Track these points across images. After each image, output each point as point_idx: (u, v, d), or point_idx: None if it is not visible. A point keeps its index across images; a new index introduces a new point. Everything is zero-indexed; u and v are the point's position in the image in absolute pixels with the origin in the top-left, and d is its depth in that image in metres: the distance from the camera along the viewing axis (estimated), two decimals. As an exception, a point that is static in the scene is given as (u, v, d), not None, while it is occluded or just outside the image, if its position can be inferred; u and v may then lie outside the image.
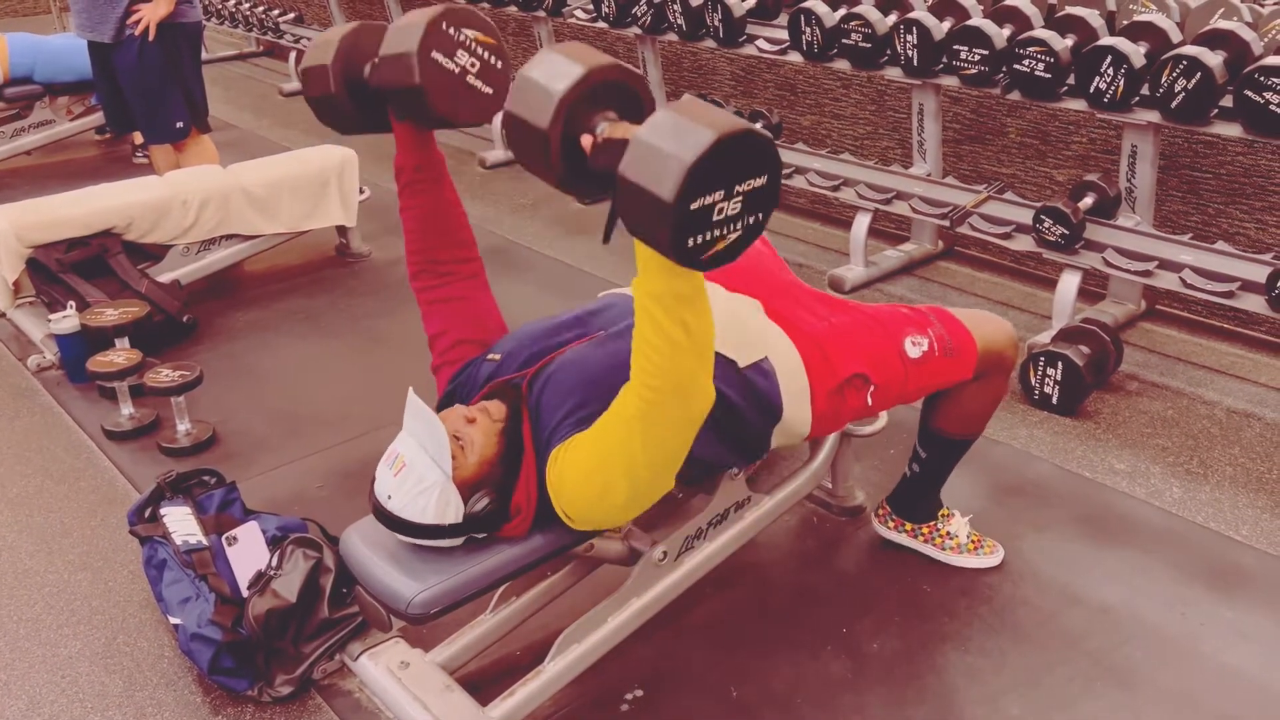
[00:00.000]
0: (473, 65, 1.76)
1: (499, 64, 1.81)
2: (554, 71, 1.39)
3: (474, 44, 1.76)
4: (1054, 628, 2.07)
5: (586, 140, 1.40)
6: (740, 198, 1.30)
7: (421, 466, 1.61)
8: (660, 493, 1.63)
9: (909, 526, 2.26)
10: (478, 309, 1.97)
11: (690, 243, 1.28)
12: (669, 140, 1.26)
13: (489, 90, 1.81)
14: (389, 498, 1.64)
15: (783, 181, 3.92)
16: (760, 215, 1.35)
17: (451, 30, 1.72)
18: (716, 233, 1.30)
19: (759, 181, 1.32)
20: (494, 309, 1.99)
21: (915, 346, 1.95)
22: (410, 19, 1.73)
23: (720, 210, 1.29)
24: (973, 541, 2.23)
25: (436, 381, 1.92)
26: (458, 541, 1.68)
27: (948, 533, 2.23)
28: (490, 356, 1.84)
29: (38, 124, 5.30)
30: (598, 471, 1.56)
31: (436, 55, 1.71)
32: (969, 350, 1.99)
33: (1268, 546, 2.28)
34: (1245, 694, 1.90)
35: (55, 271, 3.35)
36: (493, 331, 1.94)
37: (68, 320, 3.11)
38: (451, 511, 1.63)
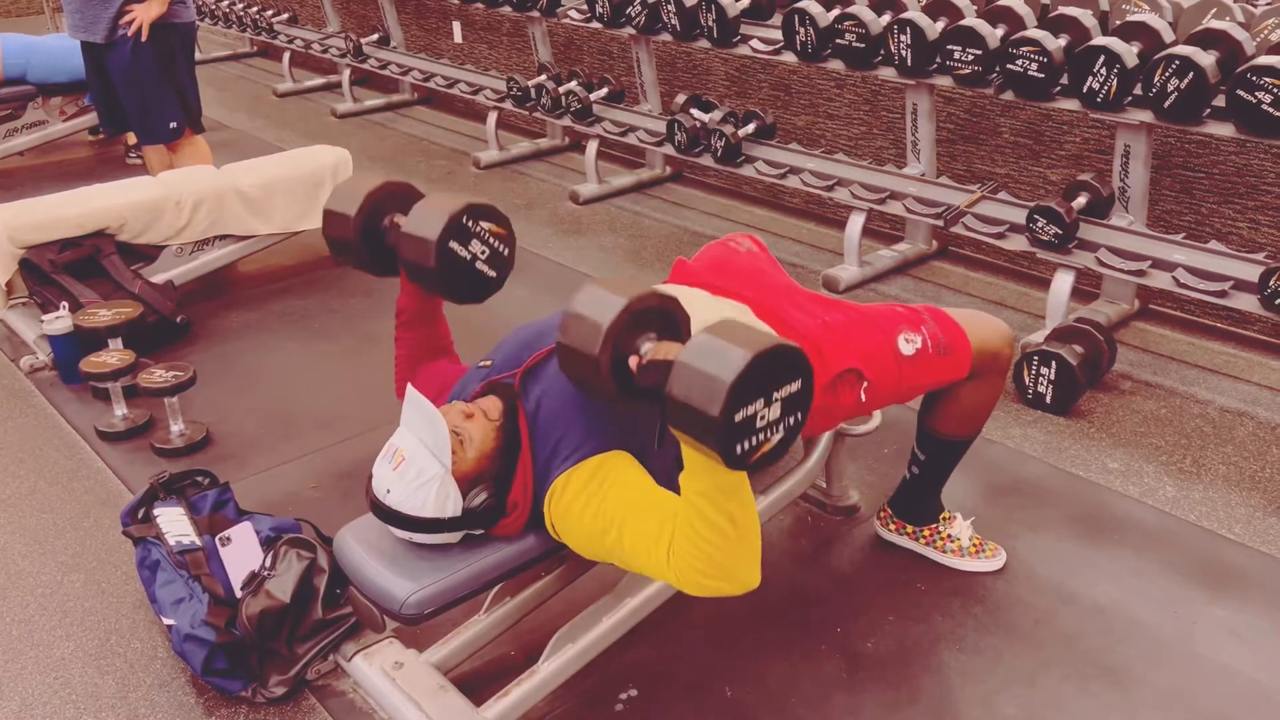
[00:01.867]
0: (483, 253, 1.94)
1: (506, 252, 1.99)
2: (598, 306, 1.54)
3: (487, 234, 1.94)
4: (1048, 627, 2.07)
5: (633, 361, 1.54)
6: (779, 403, 1.42)
7: (421, 460, 1.62)
8: None
9: (910, 529, 2.26)
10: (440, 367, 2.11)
11: (739, 449, 1.39)
12: (709, 363, 1.38)
13: (493, 274, 1.98)
14: (388, 492, 1.64)
15: (777, 181, 3.94)
16: (799, 415, 1.46)
17: (470, 223, 1.90)
18: (761, 437, 1.42)
19: (794, 387, 1.44)
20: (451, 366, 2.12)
21: (909, 344, 1.95)
22: (437, 204, 1.90)
23: (762, 417, 1.41)
24: (974, 544, 2.23)
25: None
26: (456, 536, 1.69)
27: (949, 535, 2.23)
28: (483, 363, 1.88)
29: (31, 124, 5.28)
30: (611, 548, 1.61)
31: (453, 245, 1.88)
32: (963, 349, 1.99)
33: (1260, 545, 2.28)
34: (1238, 692, 1.91)
35: (48, 272, 3.34)
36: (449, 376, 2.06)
37: (61, 321, 3.10)
38: (451, 505, 1.64)
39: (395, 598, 1.64)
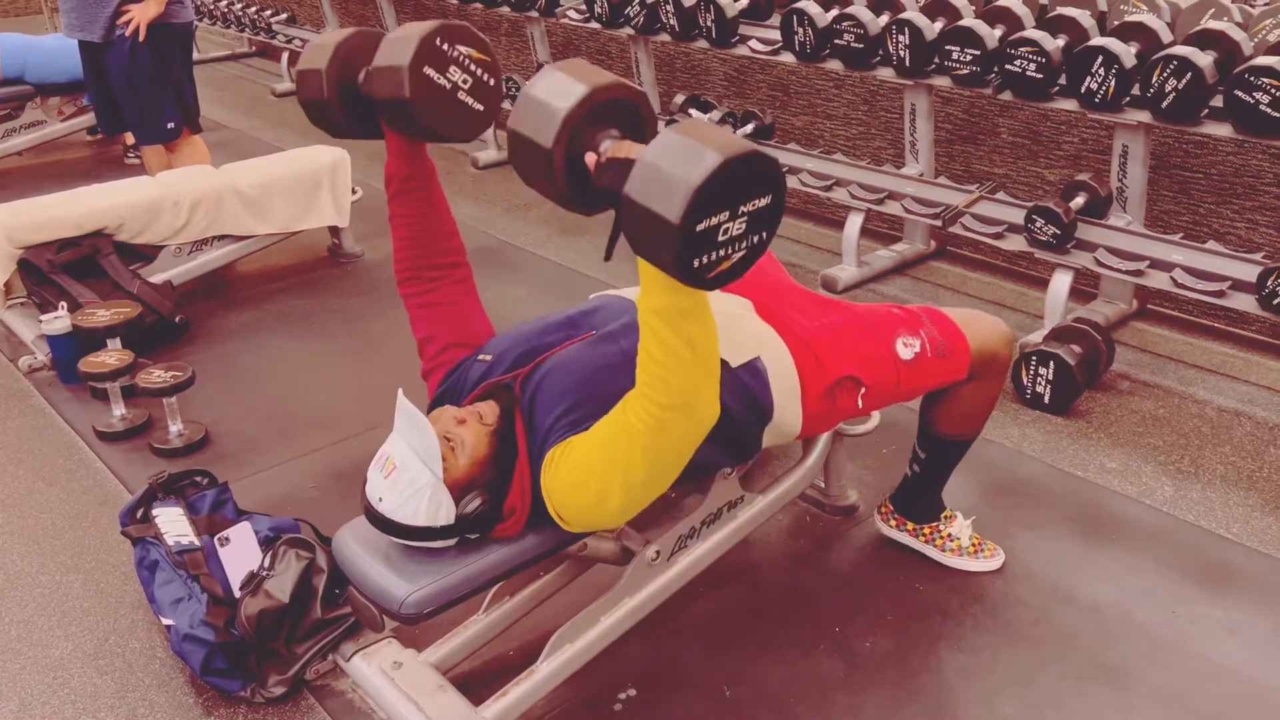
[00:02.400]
0: (465, 81, 1.77)
1: (491, 81, 1.82)
2: (558, 90, 1.40)
3: (468, 60, 1.76)
4: (1046, 626, 2.07)
5: (590, 159, 1.41)
6: (745, 218, 1.31)
7: (412, 469, 1.60)
8: (654, 497, 1.64)
9: (910, 526, 2.26)
10: (465, 313, 1.96)
11: (696, 263, 1.29)
12: (675, 163, 1.26)
13: (480, 107, 1.82)
14: (380, 500, 1.63)
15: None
16: (764, 234, 1.36)
17: (445, 46, 1.73)
18: (721, 253, 1.31)
19: (763, 201, 1.33)
20: (481, 314, 1.99)
21: (907, 348, 1.95)
22: (406, 31, 1.73)
23: (725, 231, 1.30)
24: (974, 544, 2.23)
25: (428, 386, 1.92)
26: (450, 542, 1.68)
27: (949, 534, 2.23)
28: (481, 358, 1.84)
29: (29, 124, 5.28)
30: (594, 478, 1.57)
31: (428, 70, 1.71)
32: (962, 351, 1.99)
33: (1258, 544, 2.29)
34: (1235, 691, 1.91)
35: (46, 272, 3.34)
36: (480, 336, 1.94)
37: (59, 321, 3.10)
38: (443, 513, 1.63)
39: (394, 597, 1.64)
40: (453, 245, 1.98)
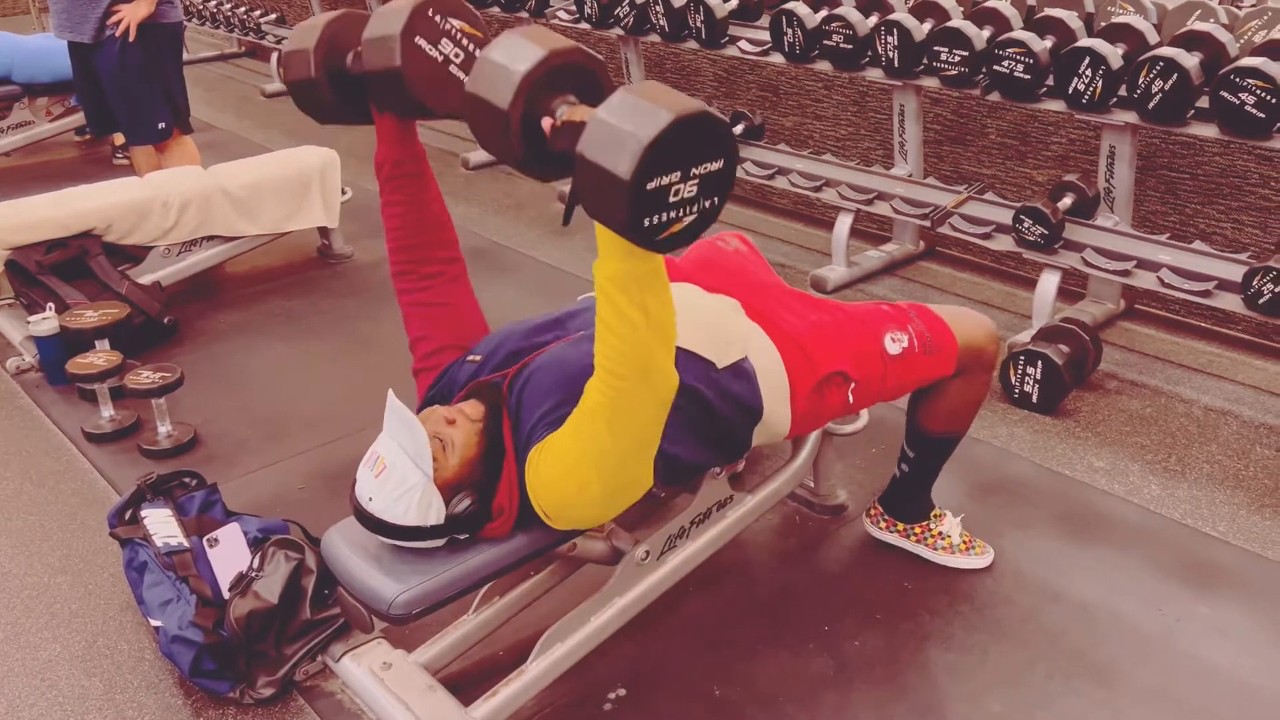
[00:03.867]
0: (456, 56, 1.74)
1: None
2: (515, 53, 1.40)
3: (459, 34, 1.74)
4: (1034, 625, 2.08)
5: (547, 123, 1.41)
6: (696, 180, 1.31)
7: (402, 468, 1.60)
8: (637, 489, 1.64)
9: (900, 527, 2.27)
10: (460, 314, 1.95)
11: (647, 223, 1.30)
12: (627, 120, 1.27)
13: None
14: (370, 500, 1.63)
15: (765, 182, 3.95)
16: (716, 200, 1.36)
17: (437, 18, 1.71)
18: (673, 214, 1.32)
19: (715, 165, 1.33)
20: (477, 313, 1.98)
21: (895, 343, 1.96)
22: (396, 4, 1.71)
23: (677, 192, 1.30)
24: (964, 542, 2.24)
25: (417, 385, 1.92)
26: (440, 543, 1.68)
27: (939, 533, 2.24)
28: (470, 358, 1.84)
29: (16, 125, 5.26)
30: (572, 468, 1.57)
31: (420, 41, 1.69)
32: (949, 347, 2.00)
33: (1244, 543, 2.30)
34: (1222, 689, 1.92)
35: (34, 273, 3.33)
36: (475, 335, 1.93)
37: (47, 322, 3.09)
38: (433, 513, 1.63)
39: (383, 598, 1.64)
40: (447, 237, 1.96)
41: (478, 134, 1.48)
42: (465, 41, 1.75)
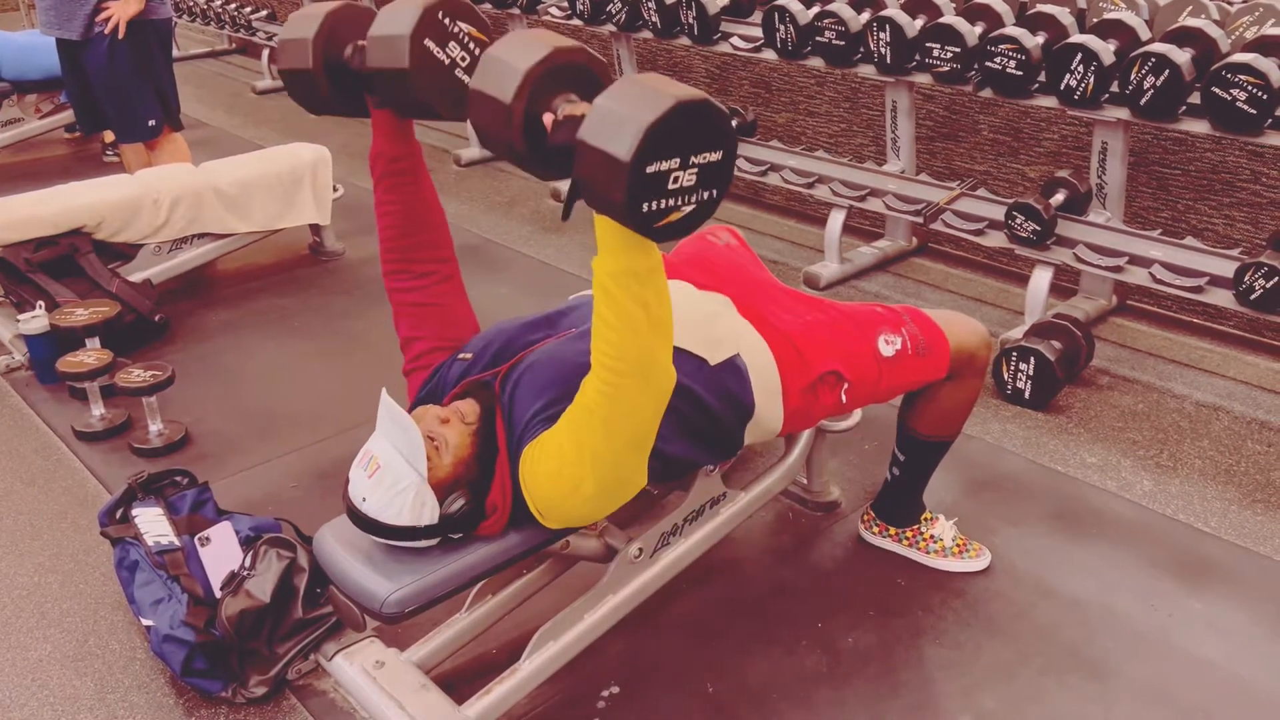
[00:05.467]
0: (463, 59, 1.73)
1: None
2: (520, 50, 1.42)
3: (467, 38, 1.73)
4: (1027, 621, 2.08)
5: (548, 118, 1.42)
6: (696, 170, 1.32)
7: (396, 468, 1.60)
8: (631, 487, 1.63)
9: (893, 531, 2.27)
10: (452, 315, 1.94)
11: (645, 208, 1.30)
12: (629, 105, 1.28)
13: None
14: (363, 500, 1.63)
15: (758, 178, 3.94)
16: (715, 191, 1.37)
17: (446, 20, 1.70)
18: (671, 202, 1.32)
19: (714, 156, 1.34)
20: (469, 314, 1.97)
21: (889, 345, 1.96)
22: (405, 2, 1.69)
23: (676, 179, 1.30)
24: (958, 545, 2.24)
25: (408, 385, 1.91)
26: (433, 542, 1.67)
27: (931, 536, 2.24)
28: (462, 356, 1.83)
29: (5, 122, 5.25)
30: (566, 466, 1.56)
31: (429, 43, 1.68)
32: (942, 350, 2.00)
33: (1236, 538, 2.31)
34: (1214, 684, 1.92)
35: (24, 271, 3.32)
36: (466, 335, 1.91)
37: (37, 320, 3.07)
38: (427, 513, 1.62)
39: (376, 596, 1.64)
40: (441, 238, 1.94)
41: (479, 129, 1.48)
42: (472, 45, 1.74)
